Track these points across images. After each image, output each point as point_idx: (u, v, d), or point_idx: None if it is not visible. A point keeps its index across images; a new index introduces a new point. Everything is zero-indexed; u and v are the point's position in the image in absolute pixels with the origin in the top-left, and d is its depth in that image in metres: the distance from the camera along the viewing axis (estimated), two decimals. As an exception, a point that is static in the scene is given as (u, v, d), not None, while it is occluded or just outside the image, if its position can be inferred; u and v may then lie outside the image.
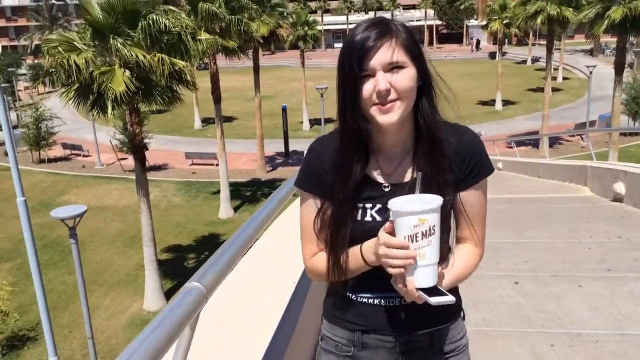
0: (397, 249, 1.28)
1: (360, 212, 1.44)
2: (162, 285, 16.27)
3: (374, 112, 1.35)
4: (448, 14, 71.44)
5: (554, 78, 42.15)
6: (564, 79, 49.36)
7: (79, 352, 14.04)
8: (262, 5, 25.97)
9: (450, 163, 1.43)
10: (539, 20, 28.51)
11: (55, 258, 19.11)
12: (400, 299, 1.42)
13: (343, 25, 72.77)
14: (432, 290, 1.30)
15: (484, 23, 44.08)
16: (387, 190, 1.43)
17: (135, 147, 15.45)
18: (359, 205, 1.44)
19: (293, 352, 2.36)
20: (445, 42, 74.78)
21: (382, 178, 1.45)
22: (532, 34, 57.32)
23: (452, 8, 70.26)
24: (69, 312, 15.77)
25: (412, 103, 1.38)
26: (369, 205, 1.44)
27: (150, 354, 1.17)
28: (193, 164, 30.15)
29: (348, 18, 72.99)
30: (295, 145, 31.14)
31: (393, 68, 1.33)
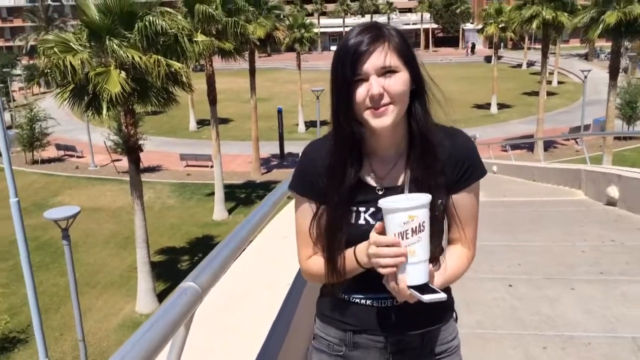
0: (386, 248, 1.28)
1: (354, 215, 1.45)
2: (155, 287, 16.22)
3: (368, 116, 1.36)
4: (444, 18, 71.70)
5: (549, 82, 42.40)
6: (559, 83, 49.60)
7: (70, 354, 13.97)
8: (258, 8, 26.00)
9: (443, 166, 1.44)
10: (535, 25, 28.65)
11: (48, 259, 19.02)
12: (393, 300, 1.42)
13: (339, 28, 72.95)
14: (423, 288, 1.30)
15: (480, 27, 44.27)
16: (380, 194, 1.44)
17: (130, 148, 15.41)
18: (353, 209, 1.45)
19: (287, 352, 2.36)
20: (442, 45, 75.04)
21: (375, 181, 1.46)
22: (527, 38, 57.57)
23: (448, 12, 70.51)
24: (61, 314, 15.70)
25: (405, 107, 1.38)
26: (363, 209, 1.45)
27: (146, 353, 1.17)
28: (188, 166, 30.10)
29: (344, 21, 73.18)
30: (291, 148, 31.15)
31: (386, 72, 1.34)
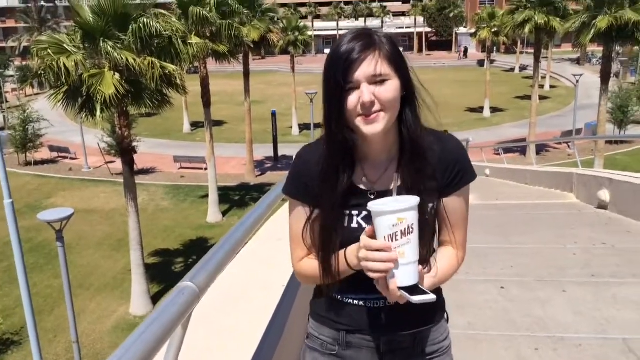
0: (377, 252, 1.31)
1: (347, 219, 1.48)
2: (149, 290, 16.19)
3: (359, 122, 1.38)
4: (437, 22, 71.98)
5: (542, 86, 42.60)
6: (551, 87, 49.86)
7: (64, 356, 13.92)
8: (253, 10, 26.02)
9: (434, 171, 1.46)
10: (527, 29, 28.79)
11: (41, 261, 18.94)
12: (385, 301, 1.44)
13: (333, 31, 73.02)
14: (413, 289, 1.31)
15: (473, 31, 44.47)
16: (372, 198, 1.46)
17: (124, 150, 15.38)
18: (346, 212, 1.47)
19: (282, 352, 2.39)
20: (435, 49, 75.31)
21: (367, 186, 1.49)
22: (520, 43, 57.87)
23: (441, 16, 70.81)
24: (54, 316, 15.63)
25: (396, 113, 1.41)
26: (356, 212, 1.47)
27: (144, 351, 1.18)
28: (182, 168, 30.05)
29: (338, 24, 73.33)
30: (285, 150, 31.15)
31: (377, 80, 1.36)
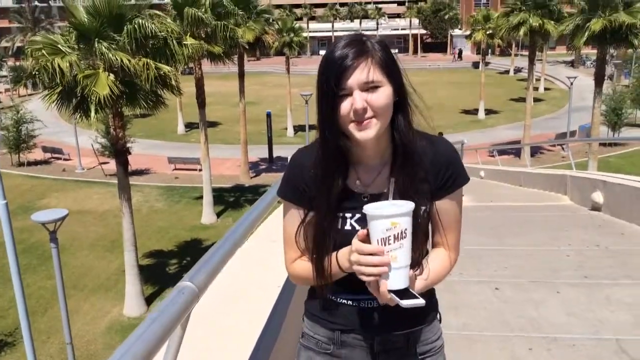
0: (369, 256, 1.32)
1: (341, 221, 1.50)
2: (143, 291, 16.15)
3: (352, 128, 1.40)
4: (432, 24, 72.17)
5: (536, 88, 42.74)
6: (546, 90, 50.08)
7: (57, 357, 13.87)
8: (248, 12, 26.01)
9: (426, 174, 1.48)
10: (522, 32, 28.91)
11: (34, 262, 18.86)
12: (377, 301, 1.45)
13: (328, 33, 73.14)
14: (403, 293, 1.33)
15: (468, 33, 44.58)
16: (366, 200, 1.48)
17: (118, 151, 15.35)
18: (340, 215, 1.49)
19: (278, 353, 2.40)
20: (430, 51, 75.52)
21: (361, 189, 1.50)
22: (514, 45, 58.13)
23: (436, 18, 71.01)
24: (47, 317, 15.57)
25: (388, 119, 1.43)
26: (349, 215, 1.49)
27: (144, 351, 1.19)
28: (176, 169, 30.00)
29: (333, 25, 73.43)
30: (280, 152, 31.16)
31: (369, 87, 1.38)
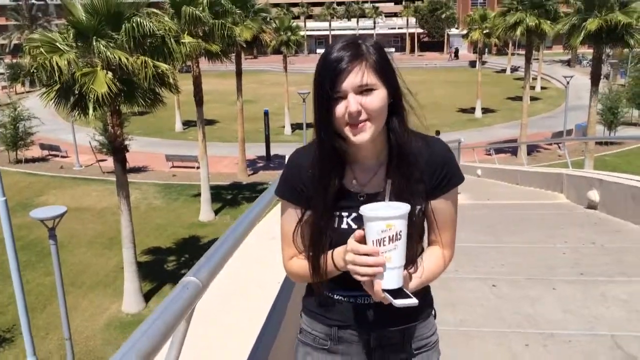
0: (364, 256, 1.35)
1: (337, 220, 1.53)
2: (141, 287, 16.17)
3: (347, 131, 1.43)
4: (429, 23, 72.20)
5: (533, 87, 42.86)
6: (542, 89, 50.17)
7: (56, 353, 13.88)
8: (245, 10, 26.00)
9: (422, 174, 1.51)
10: (519, 32, 28.95)
11: (33, 259, 18.87)
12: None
13: (326, 32, 73.13)
14: (397, 292, 1.36)
15: (465, 32, 44.65)
16: (362, 200, 1.50)
17: (116, 148, 15.35)
18: (336, 214, 1.52)
19: (278, 349, 2.44)
20: (427, 50, 75.55)
21: (357, 188, 1.53)
22: (511, 44, 58.19)
23: (433, 17, 71.04)
24: (46, 313, 15.58)
25: (383, 121, 1.45)
26: (346, 214, 1.52)
27: (150, 345, 1.22)
28: (173, 167, 29.99)
29: (331, 24, 73.38)
30: (277, 150, 31.17)
31: (363, 90, 1.40)
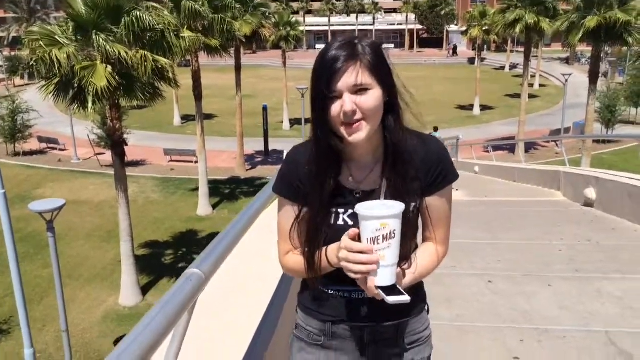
0: (358, 254, 1.37)
1: (334, 216, 1.55)
2: (138, 281, 16.21)
3: (343, 130, 1.45)
4: (429, 19, 72.02)
5: (531, 85, 42.93)
6: (541, 86, 50.17)
7: (53, 345, 13.92)
8: (245, 5, 25.98)
9: (417, 172, 1.53)
10: (518, 29, 28.95)
11: (31, 251, 18.89)
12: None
13: (325, 27, 72.96)
14: (390, 289, 1.40)
15: (464, 29, 44.61)
16: (358, 197, 1.53)
17: (115, 142, 15.36)
18: (333, 210, 1.55)
19: (276, 344, 2.47)
20: (426, 46, 75.43)
21: (354, 185, 1.55)
22: (510, 41, 58.14)
23: (432, 13, 70.86)
24: (43, 306, 15.61)
25: (378, 120, 1.47)
26: (342, 210, 1.55)
27: (154, 336, 1.27)
28: (172, 161, 29.99)
29: (330, 20, 73.23)
30: (276, 145, 31.19)
31: (359, 90, 1.42)
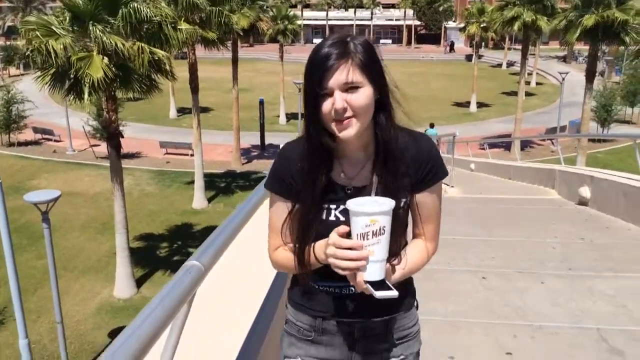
0: (346, 250, 1.40)
1: (325, 212, 1.57)
2: (133, 273, 16.22)
3: (333, 127, 1.48)
4: (427, 15, 71.96)
5: (528, 83, 42.92)
6: (538, 84, 50.22)
7: (47, 336, 13.92)
8: (243, -2, 25.93)
9: (407, 168, 1.56)
10: (516, 27, 28.97)
11: (25, 242, 18.86)
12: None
13: (323, 21, 72.81)
14: (379, 284, 1.42)
15: (462, 25, 44.59)
16: (349, 193, 1.55)
17: (111, 134, 15.33)
18: (324, 206, 1.57)
19: (271, 338, 2.50)
20: (423, 42, 75.35)
21: (345, 181, 1.57)
22: (508, 39, 58.18)
23: (431, 9, 70.81)
24: (37, 297, 15.60)
25: (369, 118, 1.50)
26: (334, 206, 1.56)
27: (154, 327, 1.29)
28: (167, 154, 29.94)
29: (328, 14, 73.07)
30: (272, 139, 31.15)
31: (349, 87, 1.44)
